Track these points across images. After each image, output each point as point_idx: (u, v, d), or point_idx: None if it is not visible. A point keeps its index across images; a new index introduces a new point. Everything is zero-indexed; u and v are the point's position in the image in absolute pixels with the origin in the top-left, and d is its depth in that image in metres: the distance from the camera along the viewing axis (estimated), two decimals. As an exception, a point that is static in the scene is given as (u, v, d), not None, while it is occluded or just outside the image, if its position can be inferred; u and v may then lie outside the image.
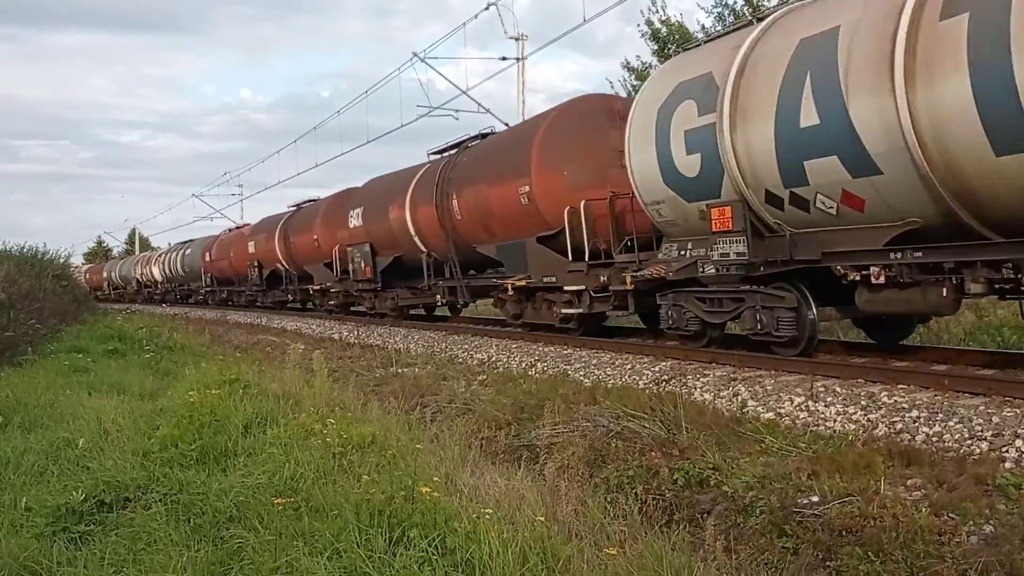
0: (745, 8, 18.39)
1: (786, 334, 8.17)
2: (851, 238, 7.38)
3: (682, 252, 9.34)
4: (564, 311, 11.95)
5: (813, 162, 7.25)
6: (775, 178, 7.70)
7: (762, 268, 8.18)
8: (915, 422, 5.91)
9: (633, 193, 9.93)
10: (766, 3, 18.09)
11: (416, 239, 16.36)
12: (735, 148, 8.00)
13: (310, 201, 25.67)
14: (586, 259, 11.21)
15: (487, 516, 3.86)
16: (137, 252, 68.21)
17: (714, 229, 8.40)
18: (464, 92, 23.15)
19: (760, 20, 8.42)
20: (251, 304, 30.02)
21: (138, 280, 47.06)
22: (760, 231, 8.18)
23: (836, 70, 6.90)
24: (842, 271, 7.54)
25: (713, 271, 8.66)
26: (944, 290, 6.75)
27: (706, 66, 8.67)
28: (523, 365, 10.80)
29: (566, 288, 11.64)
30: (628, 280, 10.12)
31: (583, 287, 11.35)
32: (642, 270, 9.84)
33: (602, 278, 10.88)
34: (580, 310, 11.61)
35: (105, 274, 55.86)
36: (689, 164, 8.73)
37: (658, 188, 9.28)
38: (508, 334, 13.77)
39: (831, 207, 7.35)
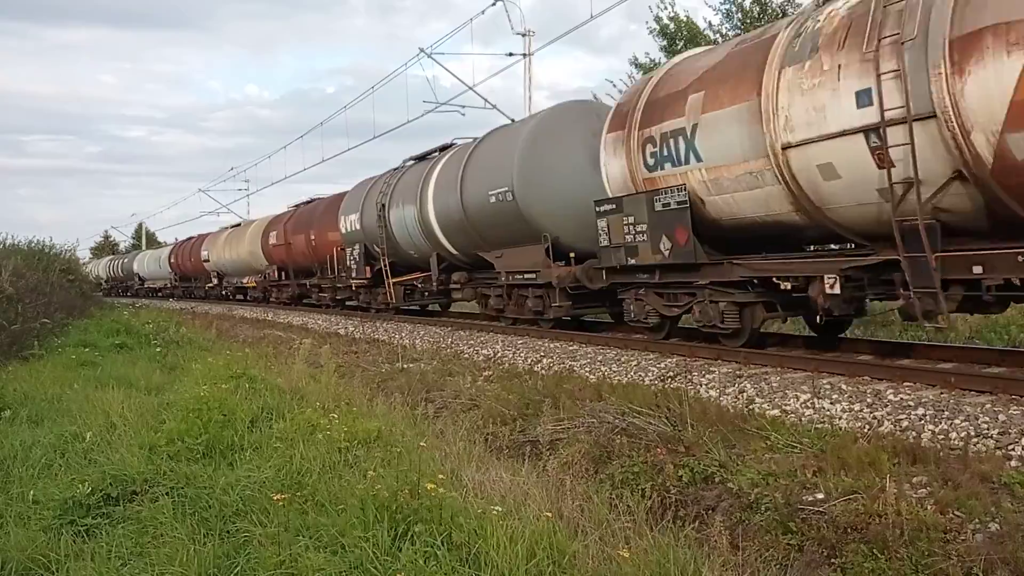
0: (753, 6, 18.32)
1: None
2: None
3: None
4: None
5: None
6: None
7: None
8: (921, 420, 5.89)
9: None
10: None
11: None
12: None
13: None
14: None
15: (493, 512, 3.86)
16: (144, 248, 61.06)
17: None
18: (471, 88, 23.22)
19: None
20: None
21: (443, 251, 15.78)
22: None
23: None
24: None
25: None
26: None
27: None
28: (528, 361, 10.80)
29: None
30: None
31: None
32: None
33: None
34: None
35: (274, 236, 25.11)
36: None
37: None
38: (514, 330, 13.74)
39: None
